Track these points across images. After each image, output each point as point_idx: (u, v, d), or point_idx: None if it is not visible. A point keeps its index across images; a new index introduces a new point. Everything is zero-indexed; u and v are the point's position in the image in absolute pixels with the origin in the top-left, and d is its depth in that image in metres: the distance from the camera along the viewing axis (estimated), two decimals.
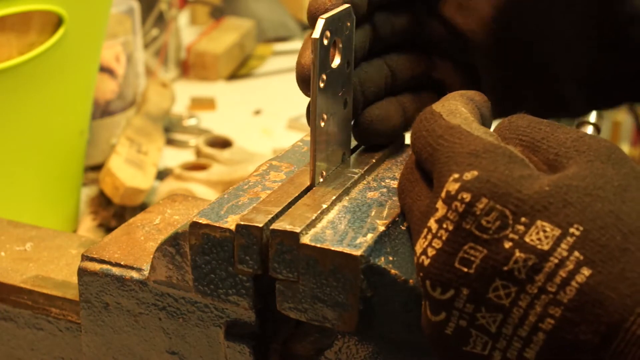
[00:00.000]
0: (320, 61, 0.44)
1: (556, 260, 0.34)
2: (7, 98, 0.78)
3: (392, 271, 0.41)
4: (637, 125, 2.08)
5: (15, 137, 0.81)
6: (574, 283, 0.34)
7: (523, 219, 0.35)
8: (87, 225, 0.98)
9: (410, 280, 0.41)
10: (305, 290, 0.42)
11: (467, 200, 0.36)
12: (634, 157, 2.49)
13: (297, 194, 0.45)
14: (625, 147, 2.56)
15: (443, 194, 0.37)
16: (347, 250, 0.40)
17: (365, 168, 0.49)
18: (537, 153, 0.40)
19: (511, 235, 0.35)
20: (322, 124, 0.45)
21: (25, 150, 0.83)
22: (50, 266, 0.56)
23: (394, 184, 0.47)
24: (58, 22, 0.79)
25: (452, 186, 0.37)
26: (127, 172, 0.98)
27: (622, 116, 2.43)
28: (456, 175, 0.37)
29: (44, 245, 0.58)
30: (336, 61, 0.46)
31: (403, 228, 0.43)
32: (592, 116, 0.59)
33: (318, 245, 0.41)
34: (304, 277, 0.42)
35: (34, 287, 0.53)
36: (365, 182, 0.48)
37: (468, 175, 0.37)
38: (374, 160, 0.50)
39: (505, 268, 0.35)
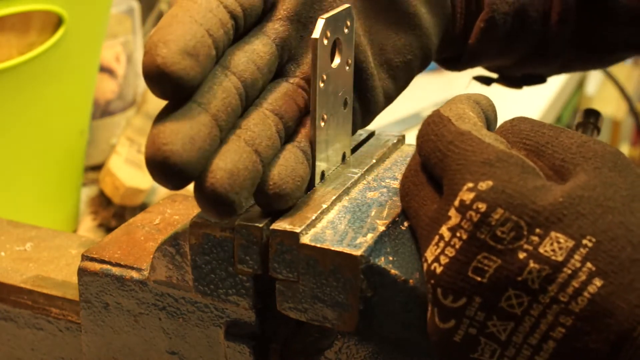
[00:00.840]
0: (320, 61, 0.44)
1: (569, 271, 0.35)
2: (7, 98, 0.78)
3: (392, 271, 0.41)
4: (637, 125, 2.08)
5: (15, 137, 0.81)
6: (585, 293, 0.35)
7: (538, 230, 0.36)
8: (87, 225, 0.98)
9: (411, 280, 0.41)
10: (305, 290, 0.42)
11: (483, 210, 0.36)
12: (634, 157, 2.50)
13: None
14: (625, 147, 2.56)
15: (457, 203, 0.37)
16: (347, 250, 0.40)
17: (365, 168, 0.49)
18: (541, 158, 0.40)
19: (526, 246, 0.36)
20: (322, 124, 0.45)
21: (25, 150, 0.83)
22: (50, 266, 0.56)
23: (394, 184, 0.47)
24: (58, 22, 0.79)
25: (466, 195, 0.37)
26: (127, 172, 0.98)
27: (622, 116, 2.43)
28: (470, 185, 0.37)
29: (44, 245, 0.58)
30: (336, 61, 0.46)
31: (403, 228, 0.43)
32: (592, 116, 0.59)
33: (318, 245, 0.41)
34: (304, 277, 0.42)
35: (34, 287, 0.53)
36: (365, 182, 0.48)
37: (483, 185, 0.37)
38: (374, 160, 0.50)
39: (519, 278, 0.36)
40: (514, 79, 0.65)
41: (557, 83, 1.56)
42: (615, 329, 0.34)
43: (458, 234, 0.37)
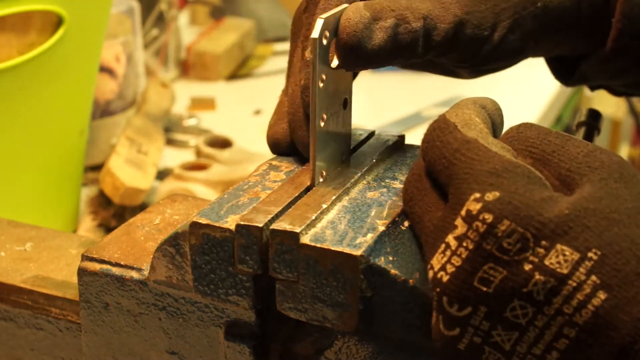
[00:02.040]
0: (319, 61, 0.44)
1: (574, 284, 0.35)
2: (7, 98, 0.78)
3: (392, 271, 0.41)
4: (637, 125, 2.08)
5: (15, 137, 0.81)
6: (589, 306, 0.35)
7: (543, 242, 0.36)
8: (87, 225, 0.98)
9: (411, 280, 0.41)
10: (305, 290, 0.42)
11: (489, 221, 0.36)
12: (634, 157, 2.50)
13: (297, 194, 0.45)
14: (625, 147, 2.56)
15: (463, 212, 0.37)
16: (347, 250, 0.40)
17: (365, 168, 0.49)
18: (547, 166, 0.40)
19: (531, 258, 0.36)
20: (322, 124, 0.45)
21: (25, 150, 0.83)
22: (50, 266, 0.56)
23: (394, 184, 0.47)
24: (58, 22, 0.79)
25: (473, 206, 0.37)
26: (127, 172, 0.98)
27: (622, 116, 2.44)
28: (477, 195, 0.37)
29: (44, 245, 0.58)
30: (336, 61, 0.46)
31: (403, 228, 0.43)
32: (593, 117, 0.59)
33: (318, 245, 0.41)
34: (304, 277, 0.42)
35: (34, 287, 0.53)
36: (365, 182, 0.48)
37: (490, 196, 0.37)
38: (374, 160, 0.50)
39: (525, 289, 0.36)
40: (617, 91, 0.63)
41: (557, 83, 1.56)
42: (617, 342, 0.35)
43: (464, 244, 0.37)
